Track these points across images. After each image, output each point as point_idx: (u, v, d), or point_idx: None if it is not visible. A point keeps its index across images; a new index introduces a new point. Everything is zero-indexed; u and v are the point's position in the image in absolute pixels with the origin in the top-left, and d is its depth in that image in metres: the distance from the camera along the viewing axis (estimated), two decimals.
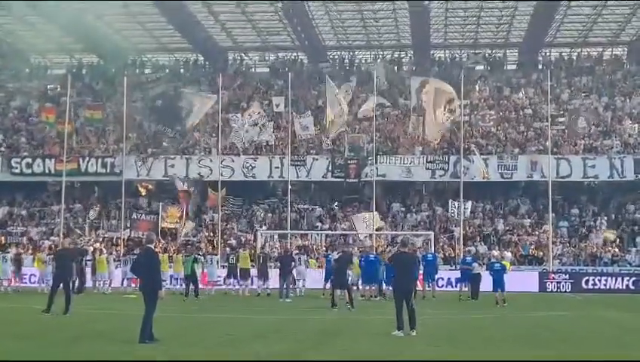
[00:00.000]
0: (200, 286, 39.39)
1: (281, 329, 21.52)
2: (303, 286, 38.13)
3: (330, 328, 22.05)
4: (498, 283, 33.34)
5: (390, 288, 35.53)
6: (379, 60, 63.00)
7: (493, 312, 28.89)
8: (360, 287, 35.72)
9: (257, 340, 18.90)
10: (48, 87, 64.62)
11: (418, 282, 32.88)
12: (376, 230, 47.30)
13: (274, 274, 37.78)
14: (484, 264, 40.85)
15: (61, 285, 25.46)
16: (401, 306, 19.86)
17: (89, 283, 39.27)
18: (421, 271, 34.98)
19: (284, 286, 34.96)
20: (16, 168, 53.84)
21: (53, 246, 46.14)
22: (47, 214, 53.99)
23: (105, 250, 42.34)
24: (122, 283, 40.09)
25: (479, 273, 37.02)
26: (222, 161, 49.87)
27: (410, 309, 19.85)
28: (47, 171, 53.25)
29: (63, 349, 16.95)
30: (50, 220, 52.95)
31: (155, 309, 17.88)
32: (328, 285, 36.53)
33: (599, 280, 43.49)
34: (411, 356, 16.50)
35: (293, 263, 36.50)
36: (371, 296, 35.29)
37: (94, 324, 22.61)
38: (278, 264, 37.58)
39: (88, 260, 40.02)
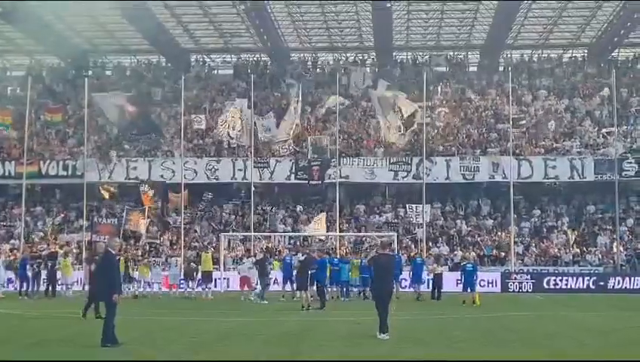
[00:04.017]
0: (163, 288, 39.50)
1: (246, 332, 21.43)
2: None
3: (295, 330, 22.01)
4: (469, 284, 33.71)
5: (355, 289, 36.00)
6: (358, 69, 62.77)
7: (456, 312, 29.02)
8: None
9: (223, 342, 18.82)
10: (8, 88, 63.97)
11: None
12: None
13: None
14: (443, 265, 41.32)
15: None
16: (382, 308, 19.70)
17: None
18: None
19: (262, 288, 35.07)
20: None
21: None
22: (7, 217, 53.42)
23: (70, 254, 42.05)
24: (83, 288, 39.87)
25: (441, 273, 37.43)
26: (185, 163, 49.69)
27: (383, 311, 19.68)
28: (7, 174, 52.59)
29: (26, 354, 16.76)
30: (10, 223, 52.39)
31: (114, 312, 17.75)
32: (287, 287, 36.70)
33: (560, 281, 43.92)
34: (386, 356, 16.54)
35: (269, 266, 36.65)
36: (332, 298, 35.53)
37: (57, 329, 22.42)
38: (257, 266, 37.42)
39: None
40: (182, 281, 40.08)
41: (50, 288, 38.78)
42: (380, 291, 20.10)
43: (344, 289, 36.93)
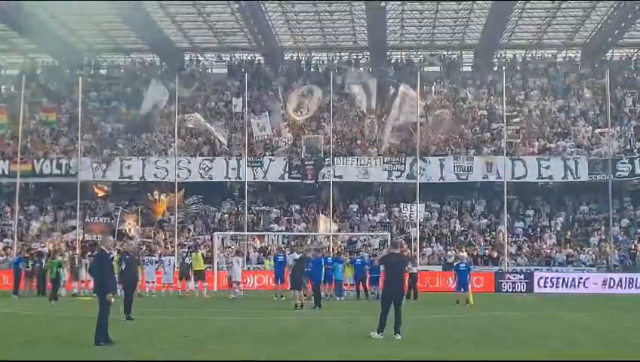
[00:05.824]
0: (156, 287, 39.37)
1: (242, 331, 21.38)
2: (241, 289, 37.98)
3: (292, 329, 21.98)
4: (463, 284, 33.74)
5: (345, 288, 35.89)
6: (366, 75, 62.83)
7: (450, 312, 29.04)
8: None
9: (220, 341, 18.77)
10: (2, 87, 63.85)
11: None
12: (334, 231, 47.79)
13: None
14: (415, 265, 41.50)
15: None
16: (387, 308, 19.41)
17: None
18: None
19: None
20: None
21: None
22: (1, 216, 53.29)
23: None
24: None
25: (416, 274, 37.60)
26: (178, 162, 49.63)
27: (397, 312, 19.48)
28: (0, 172, 52.49)
29: (21, 352, 16.71)
30: (4, 222, 52.28)
31: (107, 311, 17.70)
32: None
33: (553, 281, 43.94)
34: (383, 356, 16.55)
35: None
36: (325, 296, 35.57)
37: (51, 327, 22.35)
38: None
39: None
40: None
41: (41, 287, 38.73)
42: (390, 290, 19.90)
43: (338, 289, 36.89)
